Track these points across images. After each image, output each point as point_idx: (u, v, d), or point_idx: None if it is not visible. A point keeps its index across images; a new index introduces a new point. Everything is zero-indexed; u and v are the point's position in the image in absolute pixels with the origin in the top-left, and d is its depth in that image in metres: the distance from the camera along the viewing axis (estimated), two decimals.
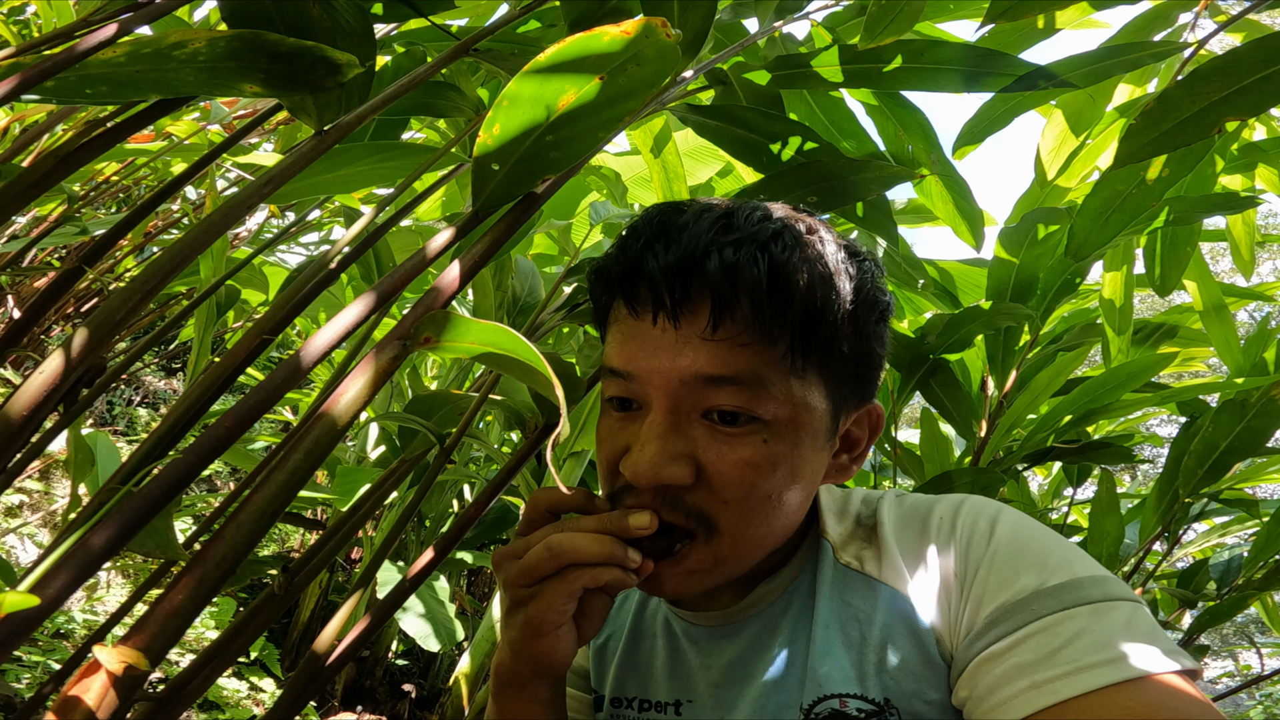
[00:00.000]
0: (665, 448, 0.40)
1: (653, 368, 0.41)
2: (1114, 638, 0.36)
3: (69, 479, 2.17)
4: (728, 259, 0.40)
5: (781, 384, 0.40)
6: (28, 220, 1.29)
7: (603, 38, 0.37)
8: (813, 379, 0.42)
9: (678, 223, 0.42)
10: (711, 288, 0.40)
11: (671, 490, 0.40)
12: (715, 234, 0.41)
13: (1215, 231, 1.17)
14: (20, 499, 2.00)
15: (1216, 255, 7.74)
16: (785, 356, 0.40)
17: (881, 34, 0.58)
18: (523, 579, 0.40)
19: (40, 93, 0.33)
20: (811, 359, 0.41)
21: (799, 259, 0.41)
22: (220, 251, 0.68)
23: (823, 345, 0.41)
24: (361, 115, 0.46)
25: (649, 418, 0.41)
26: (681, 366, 0.40)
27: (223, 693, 1.73)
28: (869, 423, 0.47)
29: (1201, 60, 0.62)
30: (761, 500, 0.41)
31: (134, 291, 0.39)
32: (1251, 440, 1.02)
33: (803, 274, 0.40)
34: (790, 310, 0.40)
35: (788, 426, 0.41)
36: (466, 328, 0.36)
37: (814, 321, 0.41)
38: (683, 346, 0.40)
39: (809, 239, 0.42)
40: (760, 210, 0.44)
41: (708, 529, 0.41)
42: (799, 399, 0.41)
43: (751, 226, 0.42)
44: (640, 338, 0.42)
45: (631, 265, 0.42)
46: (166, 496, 0.36)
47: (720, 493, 0.40)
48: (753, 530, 0.42)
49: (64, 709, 0.29)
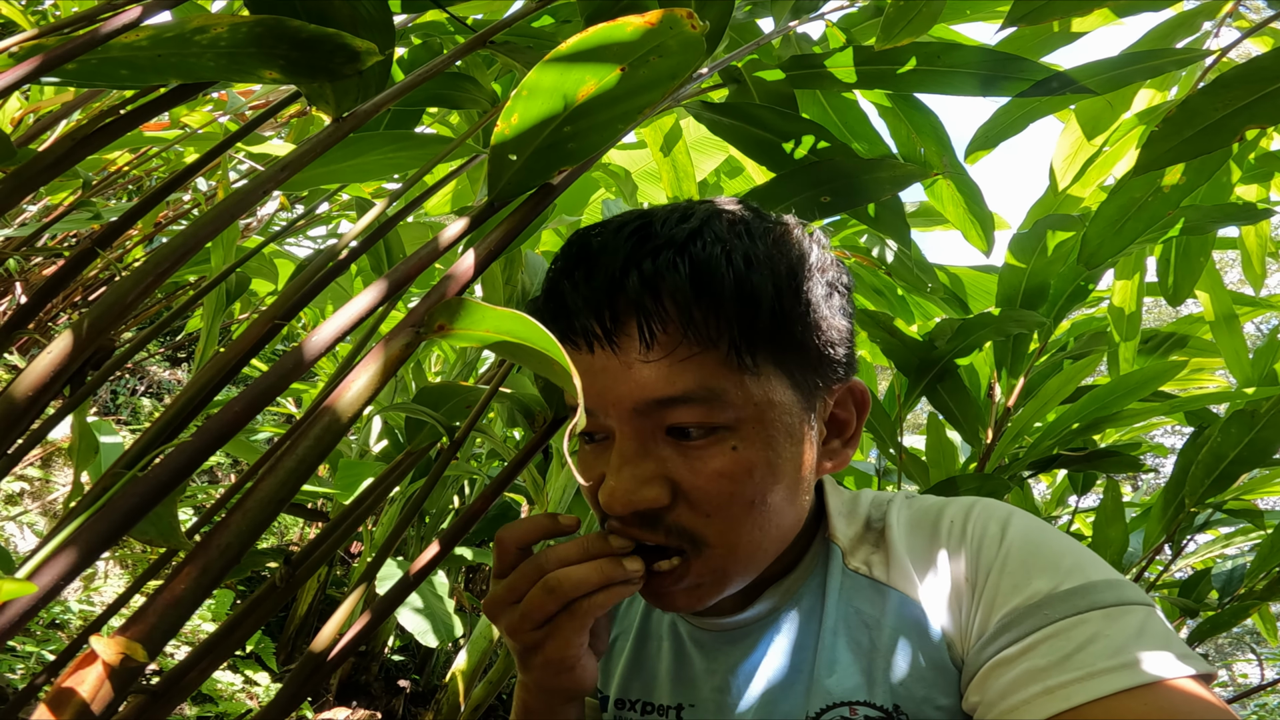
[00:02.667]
0: (635, 473, 0.39)
1: (604, 399, 0.40)
2: (1128, 642, 0.35)
3: (70, 467, 2.17)
4: (647, 271, 0.39)
5: (736, 388, 0.39)
6: (39, 209, 1.29)
7: (626, 27, 0.37)
8: (769, 372, 0.40)
9: (594, 246, 0.42)
10: (636, 306, 0.39)
11: (650, 513, 0.40)
12: (632, 248, 0.40)
13: (1225, 240, 1.17)
14: (21, 486, 1.99)
15: (1226, 265, 7.73)
16: (730, 357, 0.39)
17: (899, 35, 0.58)
18: (527, 624, 0.40)
19: (61, 75, 0.33)
20: (761, 353, 0.40)
21: (721, 253, 0.39)
22: (231, 240, 0.68)
23: (769, 336, 0.40)
24: (379, 104, 0.45)
25: (615, 445, 0.40)
26: (630, 393, 0.39)
27: (216, 686, 1.72)
28: (854, 401, 0.46)
29: (1224, 68, 0.62)
30: (744, 507, 0.40)
31: (146, 274, 0.38)
32: (1259, 451, 1.02)
33: (729, 268, 0.39)
34: (722, 310, 0.38)
35: (755, 427, 0.40)
36: (482, 315, 0.35)
37: (751, 314, 0.39)
38: (626, 372, 0.39)
39: (734, 229, 0.41)
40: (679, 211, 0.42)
41: (695, 545, 0.40)
42: (759, 397, 0.40)
43: (670, 230, 0.40)
44: (586, 371, 0.41)
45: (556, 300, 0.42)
46: (172, 482, 0.35)
47: (700, 507, 0.40)
48: (743, 537, 0.41)
49: (57, 701, 0.28)
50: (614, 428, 0.41)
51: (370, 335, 0.68)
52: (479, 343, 0.37)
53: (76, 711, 0.28)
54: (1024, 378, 1.16)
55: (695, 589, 0.42)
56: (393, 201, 0.52)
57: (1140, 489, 3.97)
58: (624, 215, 0.44)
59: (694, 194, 1.12)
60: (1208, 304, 1.05)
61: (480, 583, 2.79)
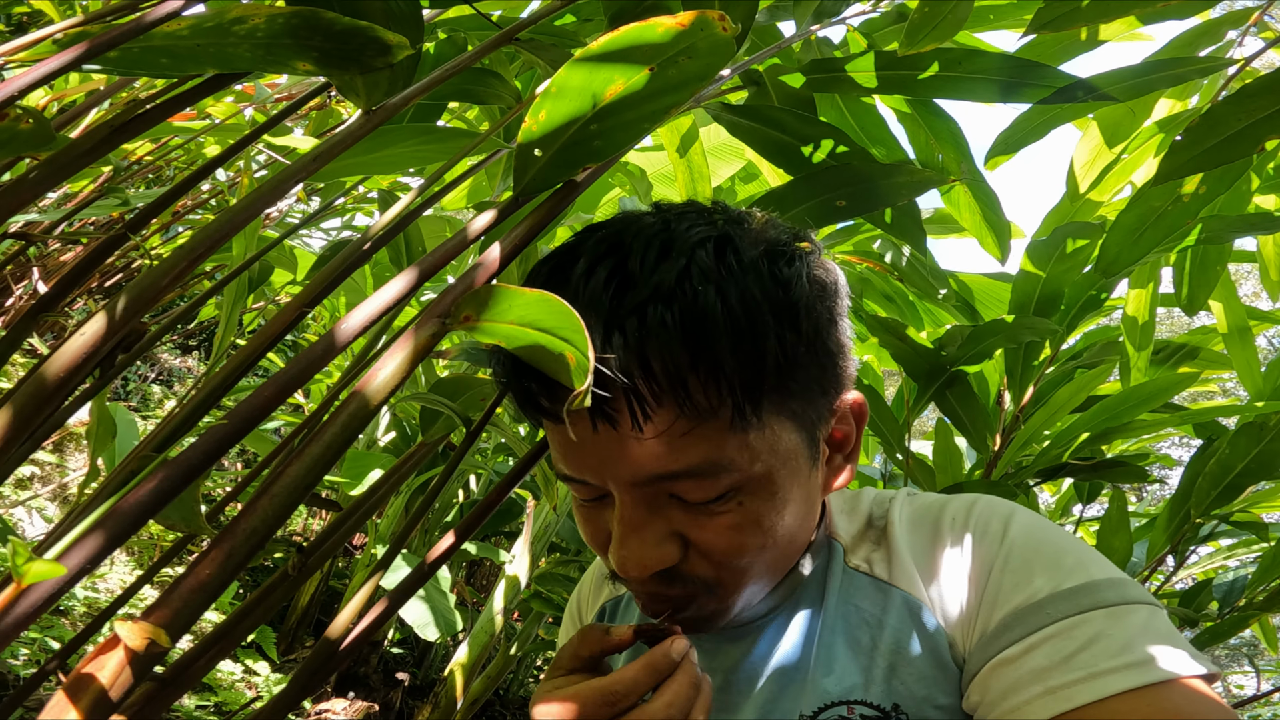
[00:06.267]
0: (645, 539, 0.38)
1: (603, 474, 0.38)
2: (1131, 642, 0.35)
3: (84, 451, 2.18)
4: (632, 338, 0.34)
5: (740, 451, 0.37)
6: (59, 195, 1.30)
7: (657, 28, 0.37)
8: (773, 422, 0.38)
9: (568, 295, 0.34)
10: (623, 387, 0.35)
11: (664, 570, 0.39)
12: (612, 300, 0.36)
13: (1241, 253, 1.16)
14: (32, 470, 2.01)
15: (1241, 278, 7.68)
16: (735, 423, 0.36)
17: (922, 41, 0.58)
18: None
19: (104, 62, 0.34)
20: (765, 406, 0.37)
21: (715, 295, 0.35)
22: (254, 230, 0.68)
23: (774, 387, 0.37)
24: (408, 97, 0.46)
25: (618, 511, 0.39)
26: (628, 470, 0.37)
27: (216, 675, 1.73)
28: (853, 415, 0.44)
29: (1247, 77, 0.62)
30: (755, 552, 0.40)
31: (180, 260, 0.39)
32: (1266, 464, 1.01)
33: (725, 316, 0.35)
34: (722, 373, 0.35)
35: (762, 480, 0.38)
36: (510, 302, 0.33)
37: (755, 372, 0.36)
38: (620, 447, 0.36)
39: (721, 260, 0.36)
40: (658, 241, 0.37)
41: (710, 588, 0.40)
42: (765, 449, 0.37)
43: (651, 272, 0.36)
44: (580, 445, 0.38)
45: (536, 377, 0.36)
46: (202, 465, 0.36)
47: (712, 557, 0.39)
48: (757, 572, 0.41)
49: (75, 687, 0.28)
50: (613, 494, 0.39)
51: (384, 331, 0.69)
52: (505, 338, 0.37)
53: (95, 698, 0.28)
54: (1034, 386, 1.16)
55: (714, 615, 0.42)
56: (420, 192, 0.53)
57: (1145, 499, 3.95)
58: (596, 241, 0.39)
59: (709, 196, 1.12)
60: (1221, 315, 1.05)
61: (481, 577, 2.80)
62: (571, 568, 1.76)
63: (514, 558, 1.70)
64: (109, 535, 0.32)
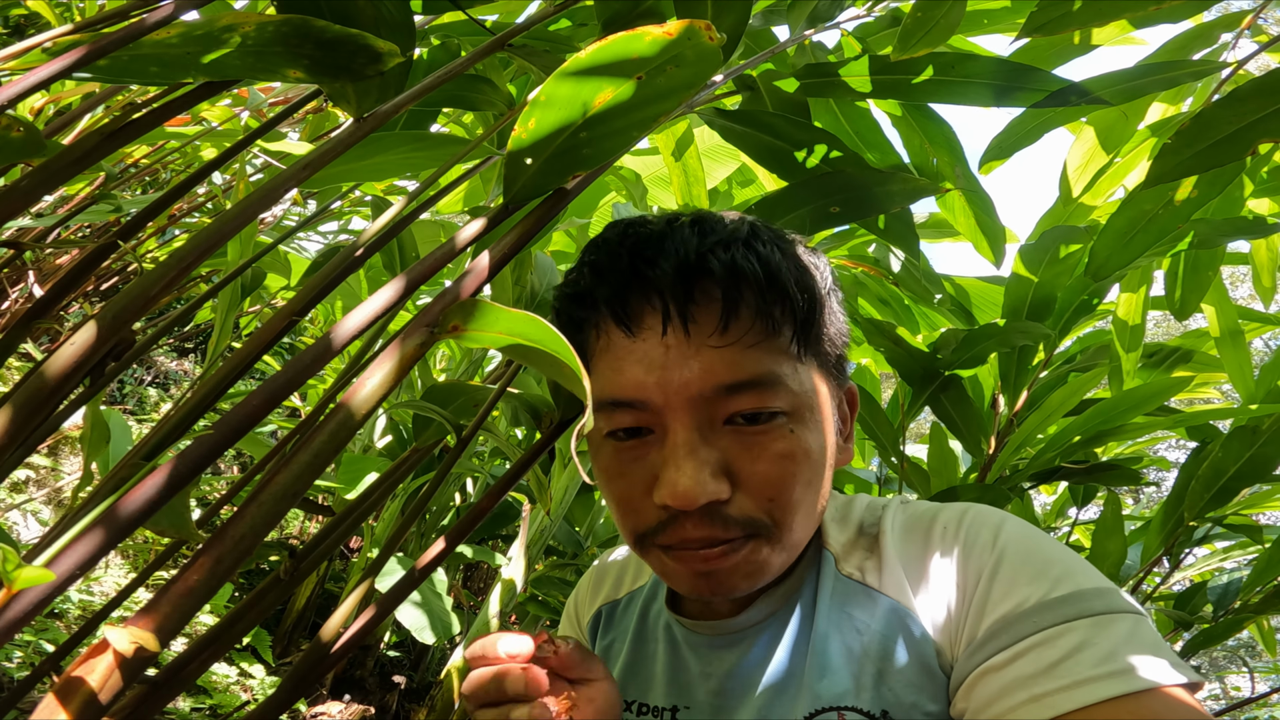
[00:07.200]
0: (701, 461, 0.39)
1: (664, 388, 0.40)
2: (1116, 650, 0.35)
3: (79, 455, 2.17)
4: (724, 259, 0.40)
5: (792, 375, 0.41)
6: (54, 199, 1.30)
7: (644, 38, 0.37)
8: (812, 365, 0.43)
9: (655, 232, 0.43)
10: (720, 287, 0.40)
11: (714, 506, 0.40)
12: (700, 238, 0.41)
13: (1233, 255, 1.17)
14: (27, 474, 2.00)
15: (1238, 280, 7.72)
16: (791, 346, 0.41)
17: (916, 45, 0.58)
18: None
19: (94, 71, 0.34)
20: (809, 346, 0.43)
21: (779, 253, 0.42)
22: (248, 234, 0.68)
23: (817, 331, 0.43)
24: (399, 104, 0.46)
25: (673, 439, 0.40)
26: (695, 380, 0.39)
27: (211, 678, 1.72)
28: (849, 401, 0.49)
29: (1239, 80, 0.62)
30: (802, 488, 0.41)
31: (170, 267, 0.39)
32: (1260, 467, 1.02)
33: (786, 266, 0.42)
34: (789, 301, 0.41)
35: (806, 413, 0.42)
36: (495, 316, 0.35)
37: (809, 308, 0.42)
38: (692, 358, 0.39)
39: (774, 235, 0.44)
40: (717, 216, 0.45)
41: (757, 531, 0.41)
42: (808, 385, 0.42)
43: (726, 229, 0.42)
44: (643, 359, 0.40)
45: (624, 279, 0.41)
46: (191, 473, 0.36)
47: (762, 492, 0.40)
48: (799, 518, 0.42)
49: (65, 690, 0.28)
50: (670, 419, 0.40)
51: (378, 336, 0.69)
52: (491, 344, 0.37)
53: (85, 701, 0.28)
54: (1028, 389, 1.16)
55: (752, 569, 0.42)
56: (413, 199, 0.53)
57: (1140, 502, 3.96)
58: (656, 216, 0.45)
59: (704, 199, 1.13)
60: (1213, 319, 1.05)
61: (478, 580, 2.79)
62: (568, 571, 1.76)
63: (510, 561, 1.70)
64: (100, 541, 0.32)
